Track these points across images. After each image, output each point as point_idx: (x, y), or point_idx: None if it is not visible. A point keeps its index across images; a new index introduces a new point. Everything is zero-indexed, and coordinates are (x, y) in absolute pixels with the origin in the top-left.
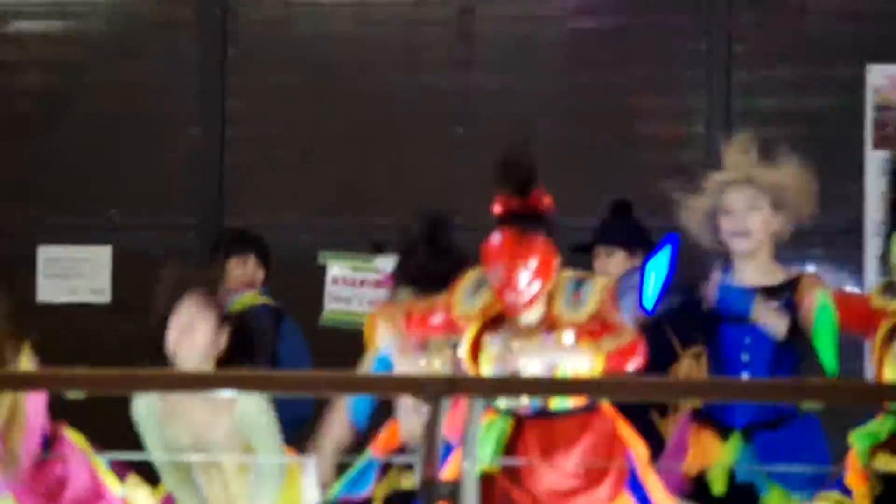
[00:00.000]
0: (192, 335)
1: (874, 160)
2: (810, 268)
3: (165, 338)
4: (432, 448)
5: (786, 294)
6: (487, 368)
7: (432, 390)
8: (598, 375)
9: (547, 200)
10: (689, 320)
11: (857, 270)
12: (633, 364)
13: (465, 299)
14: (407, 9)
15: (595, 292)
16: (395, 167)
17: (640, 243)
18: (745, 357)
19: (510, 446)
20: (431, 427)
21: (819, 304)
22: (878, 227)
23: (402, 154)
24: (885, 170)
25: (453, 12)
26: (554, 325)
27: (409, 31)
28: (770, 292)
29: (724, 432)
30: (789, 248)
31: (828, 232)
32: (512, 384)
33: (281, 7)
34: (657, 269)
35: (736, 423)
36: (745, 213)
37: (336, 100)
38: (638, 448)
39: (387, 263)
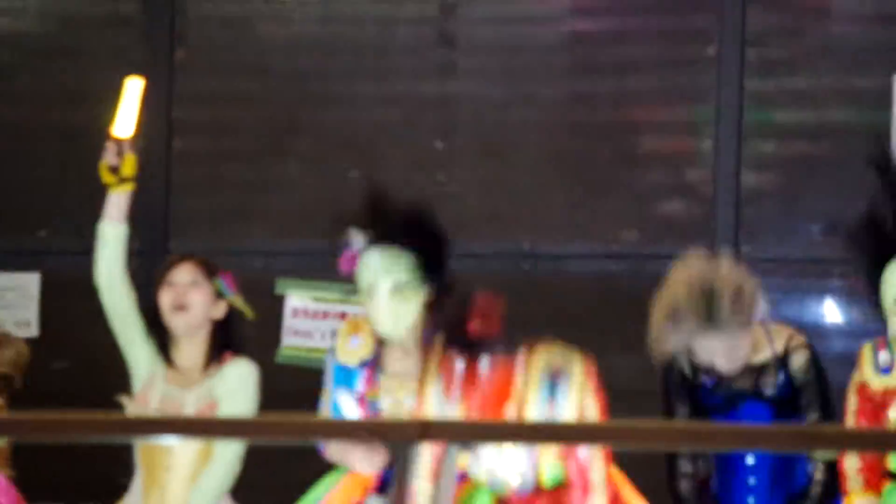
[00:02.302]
0: (191, 297)
1: None
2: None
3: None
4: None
5: (780, 373)
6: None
7: (404, 435)
8: (592, 421)
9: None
10: None
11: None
12: None
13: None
14: (381, 7)
15: (573, 393)
16: (364, 186)
17: None
18: (749, 460)
19: None
20: (401, 477)
21: None
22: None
23: (374, 170)
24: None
25: (433, 11)
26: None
27: (382, 32)
28: (761, 373)
29: None
30: (810, 280)
31: (851, 262)
32: (494, 430)
33: (238, 3)
34: None
35: None
36: (725, 354)
37: (300, 109)
38: None
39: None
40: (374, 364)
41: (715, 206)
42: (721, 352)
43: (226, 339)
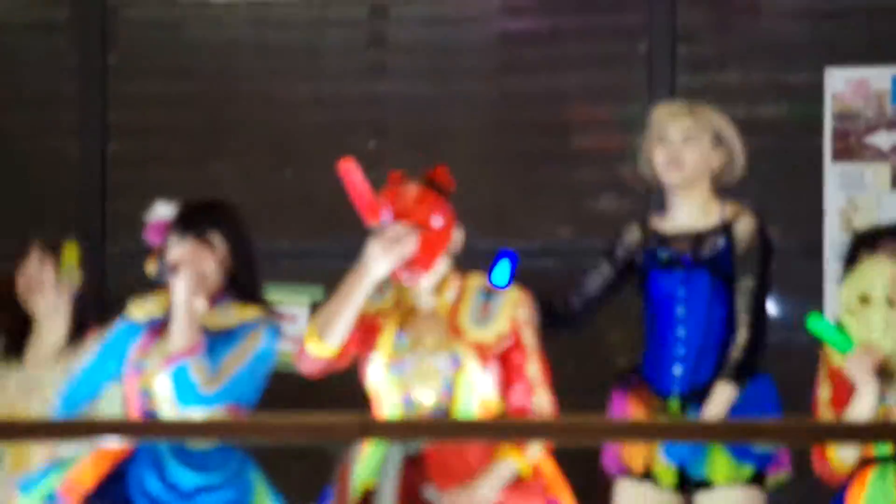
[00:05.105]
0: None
1: (834, 174)
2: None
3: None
4: (343, 497)
5: (721, 237)
6: (382, 365)
7: (344, 434)
8: (527, 418)
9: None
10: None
11: (816, 297)
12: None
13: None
14: (311, 9)
15: (507, 308)
16: (298, 186)
17: None
18: (680, 311)
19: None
20: (344, 473)
21: None
22: (840, 248)
23: (306, 172)
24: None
25: (363, 12)
26: (455, 336)
27: (313, 34)
28: (702, 237)
29: (661, 400)
30: None
31: (784, 253)
32: (430, 426)
33: (168, 7)
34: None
35: (674, 390)
36: (680, 144)
37: (231, 112)
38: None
39: None
40: (160, 328)
41: (648, 201)
42: (674, 144)
43: (86, 315)
